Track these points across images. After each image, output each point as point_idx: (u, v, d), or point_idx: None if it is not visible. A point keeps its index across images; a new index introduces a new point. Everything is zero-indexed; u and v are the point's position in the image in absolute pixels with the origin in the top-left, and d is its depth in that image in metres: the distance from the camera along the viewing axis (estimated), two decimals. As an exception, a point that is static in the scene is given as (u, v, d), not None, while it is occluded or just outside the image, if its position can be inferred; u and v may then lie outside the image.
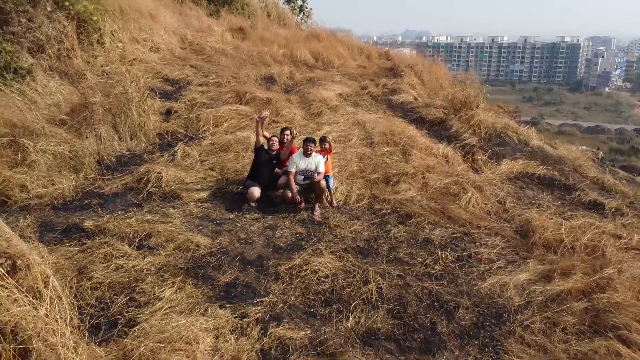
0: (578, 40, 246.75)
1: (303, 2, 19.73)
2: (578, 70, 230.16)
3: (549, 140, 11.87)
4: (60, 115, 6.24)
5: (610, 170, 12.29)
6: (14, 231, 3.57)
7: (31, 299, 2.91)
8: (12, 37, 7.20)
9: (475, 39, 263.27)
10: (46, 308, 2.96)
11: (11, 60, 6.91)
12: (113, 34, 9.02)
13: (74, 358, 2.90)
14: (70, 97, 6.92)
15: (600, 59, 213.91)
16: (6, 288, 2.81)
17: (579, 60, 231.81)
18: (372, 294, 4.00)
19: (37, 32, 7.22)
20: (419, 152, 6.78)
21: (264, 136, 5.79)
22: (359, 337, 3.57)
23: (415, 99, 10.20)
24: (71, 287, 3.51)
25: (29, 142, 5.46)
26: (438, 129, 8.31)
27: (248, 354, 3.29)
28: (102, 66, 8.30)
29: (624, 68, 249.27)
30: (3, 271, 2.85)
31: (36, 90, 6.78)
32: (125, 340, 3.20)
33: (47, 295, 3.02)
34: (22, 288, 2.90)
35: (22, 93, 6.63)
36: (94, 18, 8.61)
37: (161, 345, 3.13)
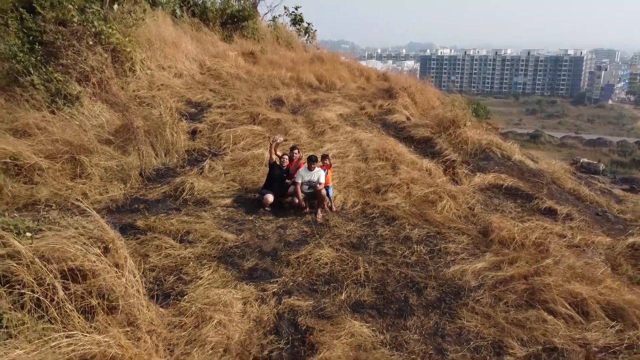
0: (581, 53, 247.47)
1: (308, 24, 21.14)
2: (581, 83, 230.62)
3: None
4: (106, 135, 7.53)
5: (587, 182, 13.52)
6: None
7: (117, 271, 4.14)
8: (62, 68, 8.53)
9: (478, 51, 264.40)
10: (126, 278, 4.19)
11: (62, 88, 8.23)
12: (142, 62, 10.35)
13: (146, 313, 4.13)
14: (112, 120, 8.22)
15: (603, 72, 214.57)
16: (101, 263, 4.04)
17: (582, 73, 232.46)
18: (360, 276, 5.21)
19: (82, 64, 8.54)
20: (405, 167, 8.01)
21: (277, 155, 7.04)
22: (350, 306, 4.78)
23: (408, 118, 11.46)
24: (138, 268, 4.74)
25: (85, 158, 6.74)
26: (424, 147, 9.55)
27: (268, 315, 4.50)
28: (134, 91, 9.63)
29: (627, 80, 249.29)
30: (99, 251, 4.08)
31: (83, 114, 8.08)
32: (180, 303, 4.43)
33: (126, 270, 4.25)
34: (112, 264, 4.14)
35: (72, 116, 7.94)
36: (127, 49, 9.95)
37: (206, 306, 4.36)
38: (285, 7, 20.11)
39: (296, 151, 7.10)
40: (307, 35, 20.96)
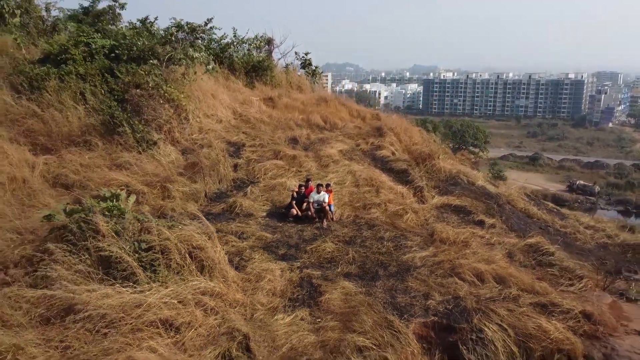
0: (582, 76, 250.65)
1: (315, 67, 24.85)
2: (582, 106, 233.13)
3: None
4: (179, 170, 10.99)
5: (537, 203, 16.92)
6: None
7: (215, 249, 7.49)
8: (144, 121, 12.04)
9: (480, 75, 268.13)
10: (219, 254, 7.54)
11: (145, 136, 11.73)
12: (193, 112, 13.86)
13: (230, 272, 7.47)
14: (178, 158, 11.69)
15: (603, 95, 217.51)
16: (208, 244, 7.39)
17: (583, 96, 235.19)
18: (350, 259, 8.55)
19: (159, 119, 12.06)
20: (385, 191, 11.40)
21: (296, 187, 10.45)
22: (342, 275, 8.10)
23: (393, 153, 14.88)
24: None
25: (170, 185, 10.18)
26: (402, 176, 12.94)
27: (295, 278, 7.84)
28: (189, 135, 13.13)
29: (628, 103, 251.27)
30: (206, 238, 7.45)
31: (160, 154, 11.56)
32: (246, 269, 7.78)
33: (219, 249, 7.60)
34: (213, 245, 7.50)
35: (153, 156, 11.41)
36: (183, 103, 13.47)
37: (260, 272, 7.71)
38: (296, 53, 23.77)
39: (311, 183, 10.53)
40: (314, 77, 24.65)
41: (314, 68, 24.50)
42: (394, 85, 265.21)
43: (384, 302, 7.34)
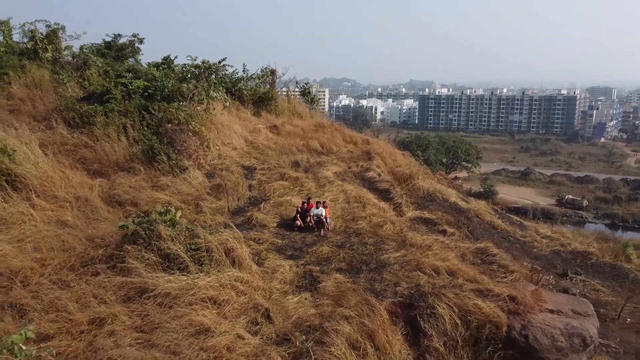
0: (574, 92, 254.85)
1: (314, 95, 27.90)
2: (575, 121, 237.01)
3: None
4: (207, 190, 13.83)
5: (502, 216, 19.82)
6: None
7: (242, 249, 10.29)
8: (176, 150, 14.91)
9: (475, 91, 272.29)
10: (245, 251, 10.34)
11: (178, 163, 14.59)
12: (213, 141, 16.75)
13: (253, 266, 10.28)
14: (204, 181, 14.54)
15: (595, 111, 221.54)
16: (237, 245, 10.20)
17: (576, 111, 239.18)
18: (341, 259, 11.37)
19: (189, 149, 14.94)
20: (370, 206, 14.24)
21: (299, 204, 13.28)
22: (335, 269, 10.90)
23: (379, 174, 17.77)
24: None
25: (201, 202, 13.01)
26: (385, 194, 15.81)
27: (299, 271, 10.64)
28: (211, 161, 16.00)
29: (620, 119, 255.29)
30: (237, 241, 10.25)
31: (190, 177, 14.40)
32: (263, 265, 10.59)
33: (244, 248, 10.39)
34: (240, 246, 10.30)
35: (184, 179, 14.25)
36: (205, 134, 16.36)
37: (275, 267, 10.52)
38: (297, 82, 26.85)
39: (311, 200, 13.37)
40: (312, 104, 27.68)
41: (312, 96, 27.54)
42: (390, 100, 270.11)
43: (364, 288, 10.14)
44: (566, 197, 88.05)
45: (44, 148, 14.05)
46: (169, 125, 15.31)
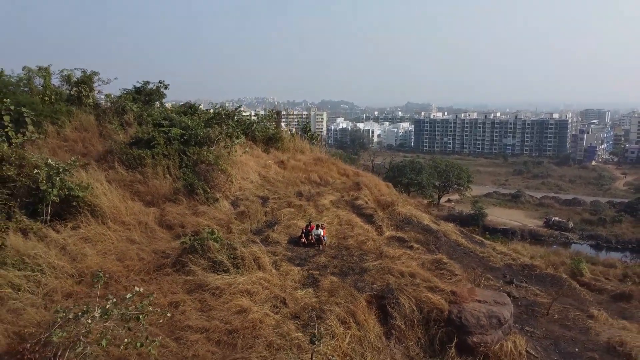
0: (566, 116, 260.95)
1: (313, 133, 32.68)
2: (567, 145, 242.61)
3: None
4: (234, 215, 18.34)
5: (467, 236, 24.40)
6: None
7: (261, 254, 14.73)
8: (210, 185, 19.45)
9: (469, 115, 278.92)
10: (267, 259, 14.78)
11: (211, 195, 19.10)
12: (234, 176, 21.28)
13: (272, 270, 14.73)
14: (231, 208, 19.04)
15: (585, 135, 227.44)
16: (262, 254, 14.64)
17: (568, 135, 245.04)
18: (334, 266, 15.82)
19: (219, 184, 19.48)
20: (357, 228, 18.72)
21: (303, 226, 17.78)
22: (330, 273, 15.34)
23: (366, 202, 22.30)
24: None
25: (230, 225, 17.51)
26: (369, 217, 20.31)
27: (305, 274, 15.08)
28: (233, 192, 20.54)
29: (611, 142, 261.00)
30: (262, 251, 14.73)
31: (220, 205, 18.90)
32: (280, 269, 15.04)
33: (265, 256, 14.83)
34: (265, 255, 14.75)
35: (216, 207, 18.75)
36: (229, 171, 20.91)
37: (287, 270, 14.97)
38: (297, 121, 31.58)
39: (312, 223, 17.87)
40: (312, 140, 32.41)
41: (312, 134, 32.29)
42: (387, 124, 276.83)
43: (350, 285, 14.55)
44: (553, 219, 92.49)
45: (108, 184, 18.61)
46: (202, 165, 19.89)
